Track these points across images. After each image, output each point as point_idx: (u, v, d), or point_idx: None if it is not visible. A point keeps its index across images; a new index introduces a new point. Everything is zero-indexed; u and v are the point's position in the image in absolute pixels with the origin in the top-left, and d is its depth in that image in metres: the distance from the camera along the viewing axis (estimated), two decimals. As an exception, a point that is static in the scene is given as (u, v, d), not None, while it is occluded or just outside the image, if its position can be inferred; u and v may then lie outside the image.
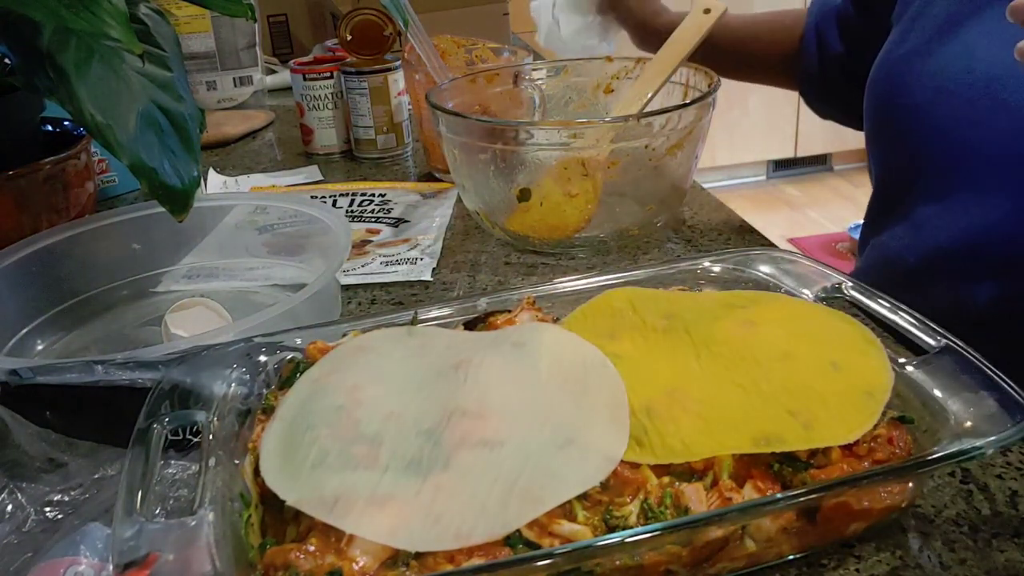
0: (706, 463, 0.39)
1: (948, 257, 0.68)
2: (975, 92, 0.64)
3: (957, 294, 0.68)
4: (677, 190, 0.77)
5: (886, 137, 0.76)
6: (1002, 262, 0.65)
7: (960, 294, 0.68)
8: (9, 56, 0.58)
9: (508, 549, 0.35)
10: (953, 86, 0.66)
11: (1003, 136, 0.62)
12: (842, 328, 0.47)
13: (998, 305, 0.66)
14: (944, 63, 0.67)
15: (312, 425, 0.40)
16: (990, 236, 0.65)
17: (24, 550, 0.41)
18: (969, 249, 0.66)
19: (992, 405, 0.39)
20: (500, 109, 0.86)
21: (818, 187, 3.44)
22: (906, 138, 0.72)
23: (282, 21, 1.52)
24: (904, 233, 0.73)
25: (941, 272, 0.69)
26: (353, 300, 0.70)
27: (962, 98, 0.65)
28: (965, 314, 0.56)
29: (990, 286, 0.66)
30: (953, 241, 0.67)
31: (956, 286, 0.68)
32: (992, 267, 0.66)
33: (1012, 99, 0.62)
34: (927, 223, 0.70)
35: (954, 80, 0.66)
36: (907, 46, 0.72)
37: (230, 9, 0.63)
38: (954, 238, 0.67)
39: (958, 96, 0.65)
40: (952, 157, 0.67)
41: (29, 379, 0.46)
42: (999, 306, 0.66)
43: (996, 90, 0.63)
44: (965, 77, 0.65)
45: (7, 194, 0.68)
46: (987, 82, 0.63)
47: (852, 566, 0.41)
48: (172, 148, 0.58)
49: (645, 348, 0.46)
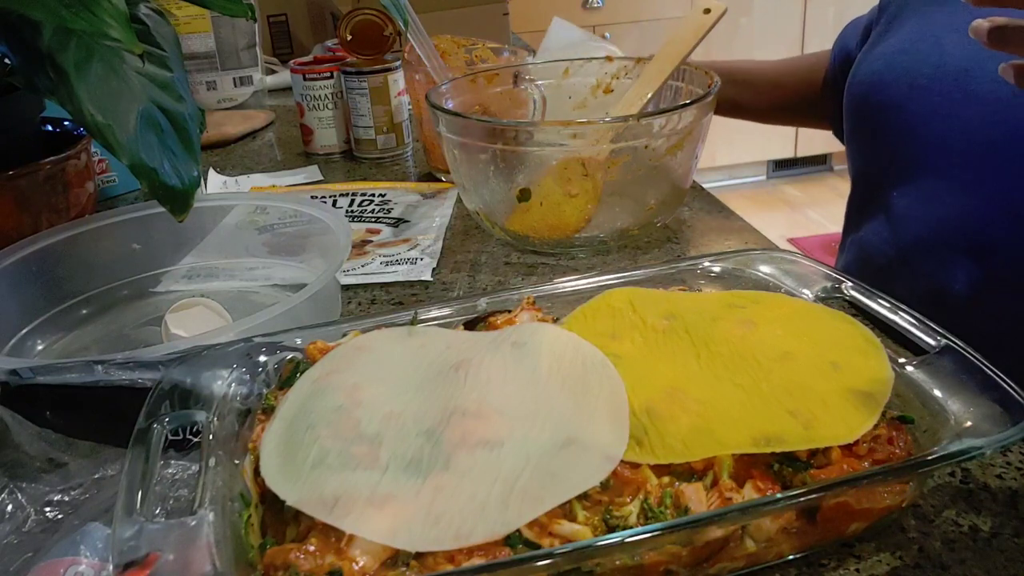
0: (706, 463, 0.39)
1: (926, 247, 0.70)
2: (946, 86, 0.66)
3: (936, 283, 0.69)
4: (677, 190, 0.77)
5: (864, 135, 0.78)
6: (977, 247, 0.67)
7: (939, 282, 0.69)
8: (9, 56, 0.58)
9: (508, 549, 0.35)
10: (926, 81, 0.68)
11: (972, 125, 0.64)
12: (842, 328, 0.47)
13: (976, 290, 0.67)
14: (917, 60, 0.69)
15: (312, 425, 0.40)
16: (965, 223, 0.67)
17: (24, 550, 0.41)
18: (945, 237, 0.68)
19: (992, 405, 0.39)
20: (500, 109, 0.86)
21: (818, 187, 3.44)
22: (883, 135, 0.74)
23: (282, 21, 1.52)
24: (882, 228, 0.75)
25: (919, 262, 0.71)
26: (353, 300, 0.70)
27: (934, 92, 0.67)
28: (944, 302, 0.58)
29: (967, 271, 0.67)
30: (930, 231, 0.69)
31: (935, 275, 0.70)
32: (969, 253, 0.67)
33: (980, 89, 0.64)
34: (904, 216, 0.72)
35: (926, 76, 0.68)
36: (883, 46, 0.74)
37: (230, 9, 0.63)
38: (930, 228, 0.69)
39: (930, 90, 0.67)
40: (926, 150, 0.69)
41: (29, 379, 0.46)
42: (977, 291, 0.67)
43: (965, 82, 0.65)
44: (936, 72, 0.67)
45: (7, 194, 0.68)
46: (956, 75, 0.65)
47: (852, 566, 0.41)
48: (172, 148, 0.58)
49: (645, 348, 0.46)
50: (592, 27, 3.14)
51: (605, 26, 3.15)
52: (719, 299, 0.51)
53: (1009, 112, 0.62)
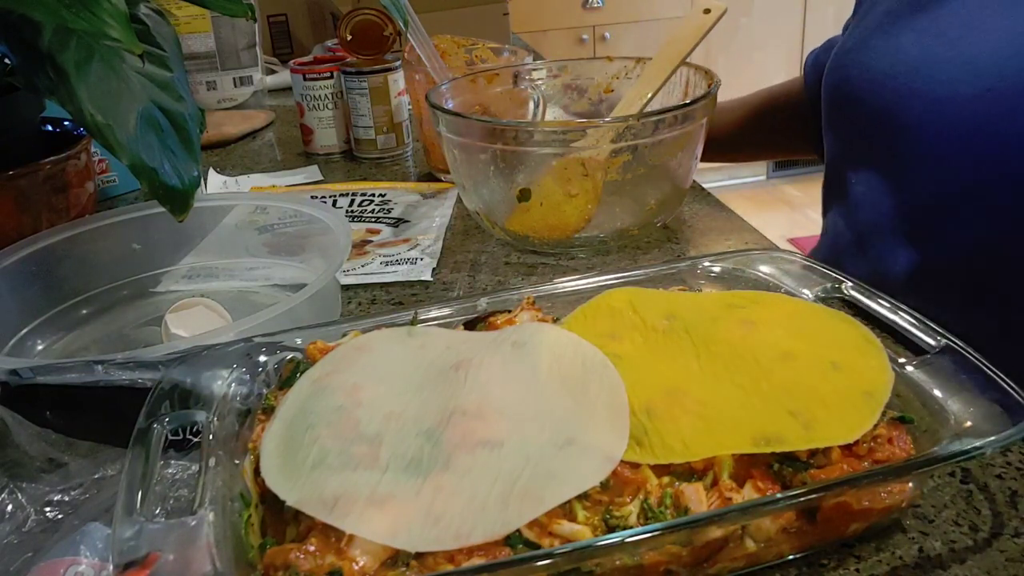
0: (706, 463, 0.39)
1: (874, 231, 0.74)
2: (897, 83, 0.69)
3: (877, 266, 0.73)
4: (677, 190, 0.77)
5: (832, 125, 0.81)
6: (917, 233, 0.70)
7: (880, 266, 0.73)
8: (9, 56, 0.58)
9: (508, 549, 0.35)
10: (881, 77, 0.71)
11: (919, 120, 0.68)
12: (842, 328, 0.47)
13: (912, 274, 0.71)
14: (876, 56, 0.73)
15: (312, 425, 0.40)
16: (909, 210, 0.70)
17: (24, 550, 0.41)
18: (891, 223, 0.72)
19: (992, 405, 0.39)
20: (500, 109, 0.86)
21: (818, 187, 3.39)
22: (846, 125, 0.78)
23: (282, 21, 1.53)
24: (844, 212, 0.79)
25: (869, 245, 0.75)
26: (353, 300, 0.70)
27: (887, 89, 0.70)
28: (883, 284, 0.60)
29: (907, 256, 0.71)
30: (879, 217, 0.73)
31: (879, 257, 0.74)
32: (910, 238, 0.71)
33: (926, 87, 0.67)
34: (859, 202, 0.76)
35: (882, 72, 0.71)
36: (852, 41, 0.77)
37: (230, 9, 0.63)
38: (880, 214, 0.73)
39: (884, 86, 0.70)
40: (880, 141, 0.72)
41: (29, 379, 0.46)
42: (913, 274, 0.70)
43: (912, 80, 0.68)
44: (890, 69, 0.70)
45: (7, 194, 0.68)
46: (906, 76, 0.69)
47: (852, 566, 0.41)
48: (172, 148, 0.58)
49: (645, 348, 0.46)
50: (592, 27, 3.14)
51: (605, 26, 3.15)
52: (719, 299, 0.51)
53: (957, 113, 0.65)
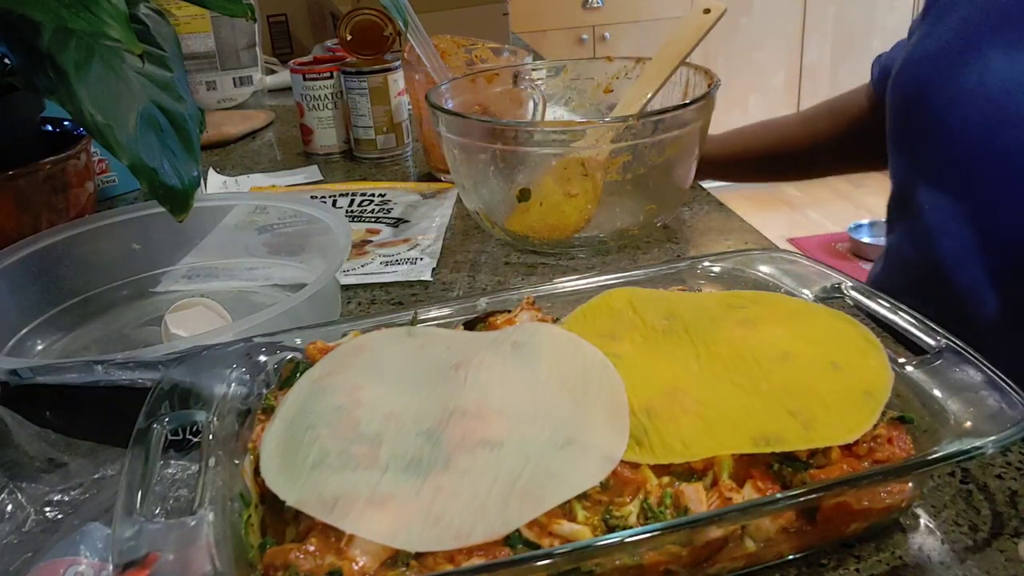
0: (706, 463, 0.39)
1: (956, 264, 0.68)
2: (987, 104, 0.64)
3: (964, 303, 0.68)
4: (677, 190, 0.77)
5: (903, 138, 0.75)
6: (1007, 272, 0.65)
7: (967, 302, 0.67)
8: (9, 56, 0.58)
9: (508, 549, 0.35)
10: (965, 97, 0.66)
11: (1011, 149, 0.62)
12: (842, 328, 0.47)
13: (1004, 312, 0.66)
14: (959, 69, 0.67)
15: (312, 425, 0.40)
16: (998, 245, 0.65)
17: (24, 550, 0.41)
18: (976, 257, 0.67)
19: (992, 405, 0.39)
20: (500, 109, 0.86)
21: (818, 187, 3.43)
22: (921, 141, 0.72)
23: (282, 21, 1.53)
24: (914, 238, 0.73)
25: (951, 282, 0.69)
26: (353, 300, 0.70)
27: (973, 108, 0.65)
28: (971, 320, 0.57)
29: (995, 299, 0.66)
30: (959, 248, 0.67)
31: (963, 293, 0.68)
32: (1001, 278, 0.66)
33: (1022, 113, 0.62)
34: (936, 229, 0.70)
35: (967, 91, 0.66)
36: (928, 48, 0.72)
37: (230, 9, 0.63)
38: (962, 245, 0.67)
39: (970, 107, 0.65)
40: (963, 165, 0.67)
41: (29, 379, 0.46)
42: (1005, 313, 0.66)
43: (1006, 104, 0.63)
44: (978, 88, 0.65)
45: (7, 194, 0.68)
46: (998, 95, 0.63)
47: (852, 566, 0.41)
48: (172, 148, 0.58)
49: (645, 348, 0.46)
50: (592, 27, 3.14)
51: (605, 26, 3.15)
52: (719, 299, 0.51)
53: None
